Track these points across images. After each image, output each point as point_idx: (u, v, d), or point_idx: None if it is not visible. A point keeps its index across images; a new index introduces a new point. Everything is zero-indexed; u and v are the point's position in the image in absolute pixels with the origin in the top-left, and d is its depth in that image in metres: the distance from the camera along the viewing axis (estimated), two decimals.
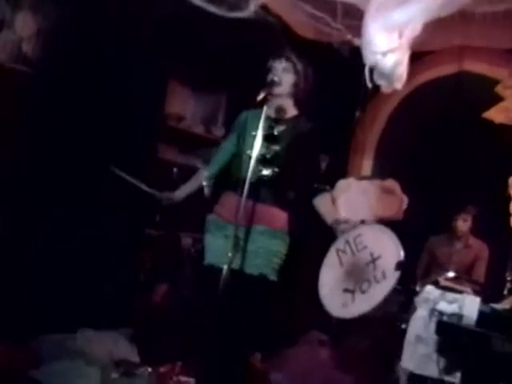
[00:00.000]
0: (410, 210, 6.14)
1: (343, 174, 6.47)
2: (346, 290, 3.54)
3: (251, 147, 3.25)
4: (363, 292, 3.50)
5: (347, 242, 3.57)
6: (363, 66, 3.01)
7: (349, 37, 3.26)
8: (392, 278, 3.46)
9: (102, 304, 4.48)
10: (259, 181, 3.31)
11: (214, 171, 3.58)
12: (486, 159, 5.72)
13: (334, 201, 6.25)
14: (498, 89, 5.86)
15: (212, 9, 3.18)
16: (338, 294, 3.57)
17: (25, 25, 4.09)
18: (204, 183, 3.57)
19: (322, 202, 3.53)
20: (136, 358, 4.43)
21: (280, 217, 3.45)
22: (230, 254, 3.17)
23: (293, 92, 3.44)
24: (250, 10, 3.28)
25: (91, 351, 4.21)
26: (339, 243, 3.58)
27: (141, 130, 4.98)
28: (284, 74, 3.38)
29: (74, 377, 3.82)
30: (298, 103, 3.49)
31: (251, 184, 3.19)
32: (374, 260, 3.48)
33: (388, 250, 3.46)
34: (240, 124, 3.54)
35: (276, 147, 3.38)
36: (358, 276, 3.51)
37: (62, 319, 4.25)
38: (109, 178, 4.64)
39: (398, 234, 5.78)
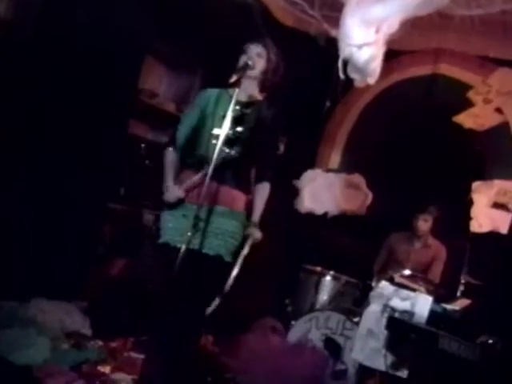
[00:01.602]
0: (373, 205, 6.22)
1: (311, 165, 6.51)
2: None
3: (218, 127, 3.25)
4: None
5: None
6: (338, 57, 3.01)
7: (325, 26, 3.25)
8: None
9: (58, 274, 4.44)
10: (222, 161, 3.30)
11: (182, 143, 3.52)
12: (452, 162, 5.80)
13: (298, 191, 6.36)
14: (470, 94, 5.96)
15: None
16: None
17: None
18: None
19: (258, 193, 3.50)
20: (88, 331, 4.41)
21: (240, 199, 3.45)
22: (189, 234, 3.17)
23: (260, 78, 3.45)
24: None
25: (43, 321, 4.17)
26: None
27: (113, 103, 4.93)
28: (257, 59, 3.39)
29: (24, 345, 3.78)
30: (263, 90, 3.50)
31: (214, 164, 3.18)
32: None
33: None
34: (204, 101, 3.51)
35: (239, 129, 3.39)
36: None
37: (17, 287, 4.20)
38: (77, 147, 4.60)
39: (360, 228, 5.90)
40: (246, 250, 3.37)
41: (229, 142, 3.33)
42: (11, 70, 4.19)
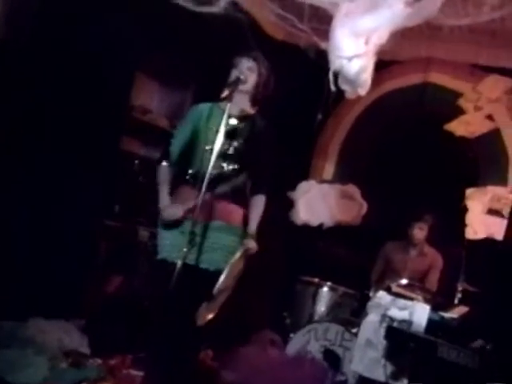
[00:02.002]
0: (368, 215, 6.23)
1: (305, 176, 6.53)
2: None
3: (212, 142, 3.25)
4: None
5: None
6: (328, 69, 3.03)
7: (315, 39, 3.27)
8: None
9: (55, 293, 4.42)
10: (218, 176, 3.32)
11: (175, 157, 3.50)
12: (446, 170, 5.82)
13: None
14: (461, 102, 6.00)
15: (182, 3, 3.16)
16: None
17: None
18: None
19: (254, 206, 3.50)
20: (86, 350, 4.39)
21: (237, 213, 3.46)
22: (185, 249, 3.17)
23: (252, 93, 3.46)
24: (220, 6, 3.26)
25: (42, 340, 4.15)
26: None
27: (105, 120, 4.94)
28: (249, 73, 3.40)
29: (22, 366, 3.77)
30: (254, 104, 3.52)
31: (210, 179, 3.20)
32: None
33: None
34: (196, 116, 3.53)
35: (235, 144, 3.40)
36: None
37: (14, 307, 4.18)
38: (70, 165, 4.61)
39: (356, 238, 5.90)
40: (234, 258, 3.31)
41: (224, 156, 3.35)
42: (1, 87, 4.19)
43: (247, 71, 3.39)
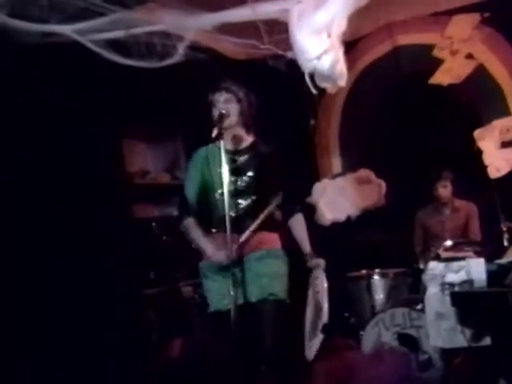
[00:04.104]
0: (390, 192, 6.18)
1: (316, 178, 6.51)
2: (309, 332, 3.58)
3: (220, 185, 3.25)
4: (310, 340, 3.54)
5: (312, 279, 3.57)
6: (303, 75, 3.03)
7: (280, 52, 3.27)
8: (318, 340, 3.48)
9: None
10: (239, 213, 3.31)
11: (194, 204, 3.49)
12: (447, 122, 5.78)
13: (315, 207, 6.34)
14: (435, 53, 5.99)
15: (143, 64, 3.18)
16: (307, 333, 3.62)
17: None
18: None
19: (296, 227, 3.53)
20: None
21: (271, 238, 3.46)
22: (232, 293, 3.17)
23: (241, 121, 3.43)
24: (179, 54, 3.27)
25: None
26: (311, 279, 3.59)
27: (110, 198, 4.97)
28: (228, 105, 3.38)
29: None
30: (248, 130, 3.50)
31: (233, 218, 3.19)
32: (320, 309, 3.49)
33: (325, 306, 3.47)
34: (201, 161, 3.52)
35: (245, 177, 3.39)
36: (314, 320, 3.55)
37: None
38: (92, 251, 4.63)
39: (385, 217, 5.85)
40: (325, 283, 3.35)
41: (240, 193, 3.34)
42: None
43: (226, 104, 3.37)
